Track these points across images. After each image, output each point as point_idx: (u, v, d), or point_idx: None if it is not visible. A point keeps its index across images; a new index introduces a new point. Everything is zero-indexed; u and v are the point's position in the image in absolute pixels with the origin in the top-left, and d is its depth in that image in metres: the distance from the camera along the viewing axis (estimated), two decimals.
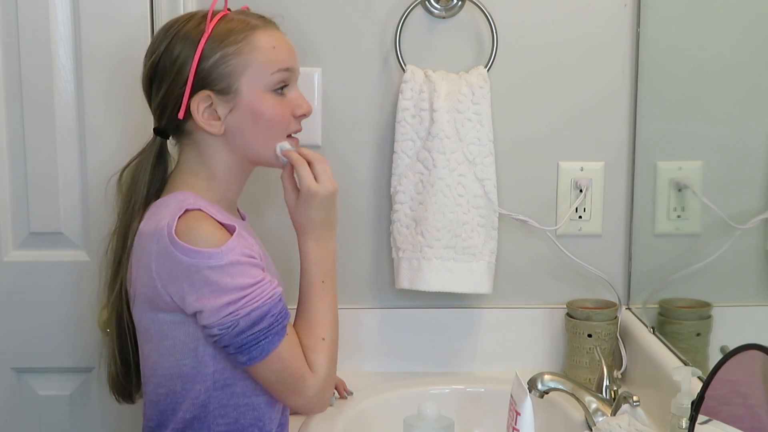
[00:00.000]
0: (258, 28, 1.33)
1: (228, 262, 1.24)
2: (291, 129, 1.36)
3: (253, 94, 1.32)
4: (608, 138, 1.74)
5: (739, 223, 1.43)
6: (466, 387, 1.69)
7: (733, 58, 1.47)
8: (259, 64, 1.31)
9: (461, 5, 1.69)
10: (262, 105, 1.32)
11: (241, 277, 1.25)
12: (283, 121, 1.34)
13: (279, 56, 1.33)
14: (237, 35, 1.31)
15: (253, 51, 1.31)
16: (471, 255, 1.66)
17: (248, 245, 1.29)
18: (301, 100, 1.36)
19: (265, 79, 1.32)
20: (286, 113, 1.34)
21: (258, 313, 1.25)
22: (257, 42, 1.32)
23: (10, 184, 1.66)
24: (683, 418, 1.16)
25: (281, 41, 1.35)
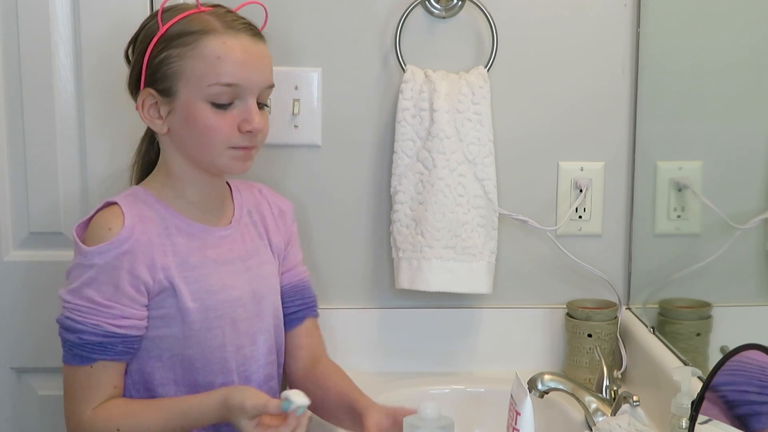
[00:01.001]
0: (212, 33, 1.28)
1: (89, 264, 1.27)
2: (233, 143, 1.31)
3: (189, 101, 1.29)
4: (608, 138, 1.74)
5: (739, 223, 1.43)
6: (466, 387, 1.69)
7: (733, 58, 1.47)
8: (199, 73, 1.28)
9: (461, 5, 1.69)
10: (196, 114, 1.29)
11: (88, 287, 1.28)
12: (221, 135, 1.30)
13: (222, 69, 1.28)
14: (187, 37, 1.28)
15: (195, 57, 1.28)
16: (471, 255, 1.66)
17: (139, 260, 1.28)
18: (249, 114, 1.31)
19: (202, 90, 1.28)
20: (225, 126, 1.30)
21: (71, 324, 1.29)
22: (203, 49, 1.28)
23: (10, 184, 1.66)
24: (683, 418, 1.16)
25: (231, 51, 1.29)
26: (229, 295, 1.36)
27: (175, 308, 1.32)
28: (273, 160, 1.72)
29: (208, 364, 1.35)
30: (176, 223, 1.34)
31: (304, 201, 1.73)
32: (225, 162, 1.33)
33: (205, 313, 1.33)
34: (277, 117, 1.70)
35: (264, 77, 1.33)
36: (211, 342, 1.35)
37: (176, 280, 1.31)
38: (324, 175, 1.74)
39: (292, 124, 1.71)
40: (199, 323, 1.33)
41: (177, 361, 1.34)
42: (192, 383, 1.35)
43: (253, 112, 1.31)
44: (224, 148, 1.31)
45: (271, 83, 1.36)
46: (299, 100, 1.70)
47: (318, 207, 1.74)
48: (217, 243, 1.37)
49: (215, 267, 1.35)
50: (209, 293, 1.34)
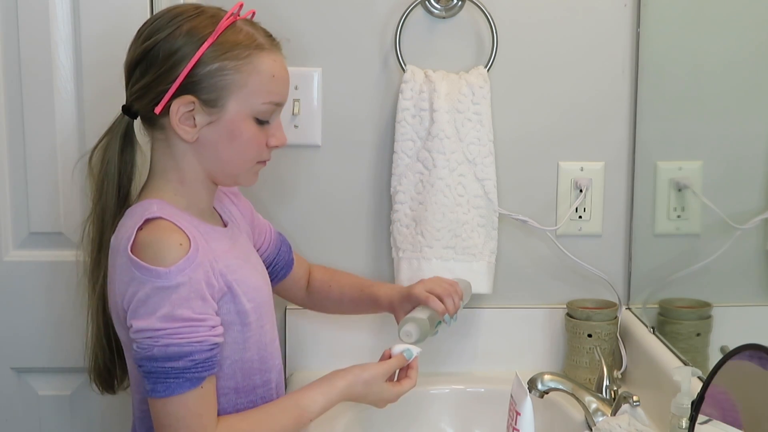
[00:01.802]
0: (263, 50, 1.27)
1: (174, 283, 1.19)
2: (262, 157, 1.33)
3: (237, 115, 1.27)
4: (608, 138, 1.74)
5: (739, 223, 1.43)
6: (466, 387, 1.69)
7: (732, 58, 1.47)
8: (254, 89, 1.26)
9: (461, 5, 1.69)
10: (242, 128, 1.28)
11: (180, 307, 1.19)
12: (257, 149, 1.31)
13: (276, 88, 1.29)
14: (242, 50, 1.25)
15: (252, 73, 1.26)
16: (471, 255, 1.66)
17: (206, 268, 1.23)
18: (278, 131, 1.33)
19: (254, 106, 1.27)
20: (261, 141, 1.31)
21: (176, 350, 1.19)
22: (259, 65, 1.27)
23: (10, 184, 1.66)
24: (683, 418, 1.16)
25: (282, 70, 1.30)
26: (265, 290, 1.38)
27: (234, 312, 1.29)
28: (273, 160, 1.71)
29: (264, 362, 1.35)
30: (205, 229, 1.30)
31: (304, 201, 1.73)
32: (248, 176, 1.35)
33: (258, 311, 1.33)
34: None
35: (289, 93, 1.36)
36: (264, 338, 1.35)
37: (232, 283, 1.29)
38: (324, 175, 1.74)
39: (292, 124, 1.71)
40: (255, 322, 1.32)
41: (237, 368, 1.31)
42: (251, 387, 1.33)
43: (282, 129, 1.34)
44: (254, 163, 1.33)
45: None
46: (299, 100, 1.70)
47: (318, 207, 1.74)
48: (231, 243, 1.36)
49: (245, 266, 1.35)
50: (256, 291, 1.34)
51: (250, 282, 1.33)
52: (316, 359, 1.75)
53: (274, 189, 1.73)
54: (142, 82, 1.26)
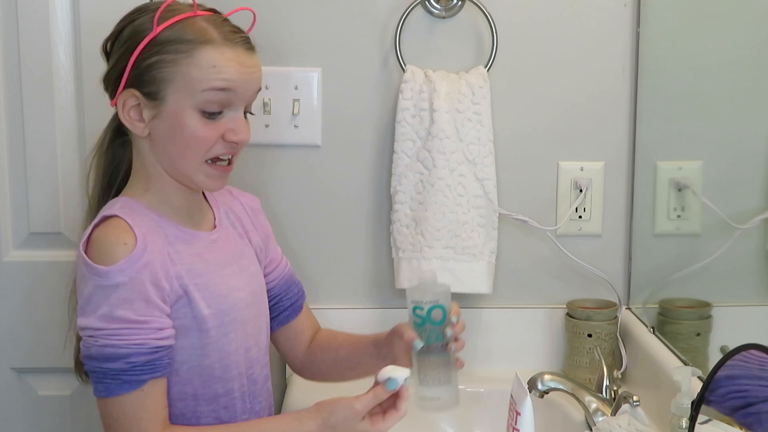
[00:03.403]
0: (210, 43, 1.25)
1: (114, 283, 1.19)
2: (215, 152, 1.27)
3: (178, 107, 1.24)
4: (608, 138, 1.74)
5: (739, 223, 1.43)
6: (466, 387, 1.68)
7: (733, 58, 1.47)
8: (193, 80, 1.24)
9: (461, 5, 1.69)
10: (185, 121, 1.25)
11: (119, 308, 1.19)
12: (205, 144, 1.25)
13: (217, 76, 1.24)
14: (184, 45, 1.24)
15: (190, 65, 1.24)
16: (471, 255, 1.66)
17: (155, 269, 1.22)
18: (236, 125, 1.27)
19: (195, 96, 1.24)
20: (210, 136, 1.25)
21: (113, 351, 1.19)
22: (200, 57, 1.24)
23: (10, 184, 1.66)
24: (683, 418, 1.16)
25: (227, 61, 1.25)
26: (236, 297, 1.33)
27: (191, 317, 1.27)
28: (273, 160, 1.72)
29: (227, 371, 1.31)
30: (173, 230, 1.30)
31: (304, 201, 1.73)
32: (201, 179, 1.29)
33: (220, 318, 1.30)
34: (277, 117, 1.70)
35: (255, 86, 1.30)
36: (227, 347, 1.31)
37: (189, 287, 1.27)
38: (324, 175, 1.74)
39: (292, 124, 1.71)
40: (216, 329, 1.29)
41: (195, 373, 1.29)
42: (212, 395, 1.31)
43: (241, 123, 1.28)
44: (203, 160, 1.27)
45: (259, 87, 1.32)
46: (299, 100, 1.70)
47: (318, 207, 1.74)
48: (210, 247, 1.33)
49: (218, 270, 1.32)
50: (221, 297, 1.30)
51: (215, 288, 1.30)
52: None
53: (274, 189, 1.73)
54: (104, 77, 1.31)
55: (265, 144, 1.71)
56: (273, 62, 1.68)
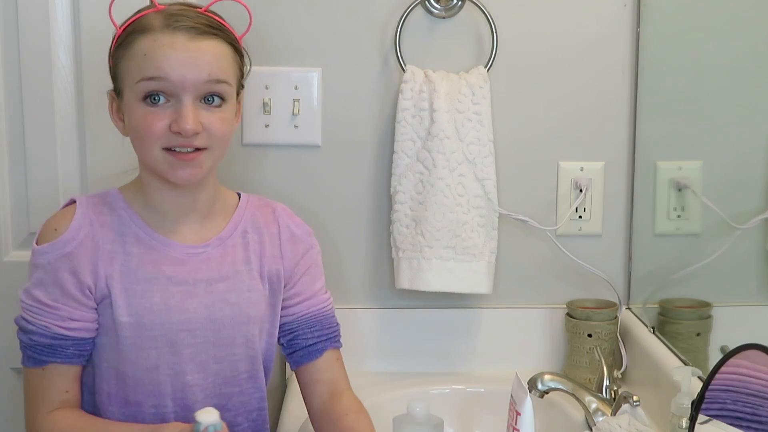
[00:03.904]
0: (147, 32, 1.24)
1: (35, 263, 1.27)
2: (167, 143, 1.24)
3: (129, 100, 1.26)
4: (608, 138, 1.74)
5: (739, 223, 1.43)
6: (466, 387, 1.69)
7: (733, 58, 1.47)
8: (132, 72, 1.25)
9: (461, 5, 1.69)
10: (133, 112, 1.25)
11: (36, 287, 1.28)
12: (154, 133, 1.24)
13: (148, 64, 1.23)
14: (126, 38, 1.26)
15: (131, 57, 1.25)
16: (471, 255, 1.66)
17: (79, 262, 1.26)
18: (179, 113, 1.23)
19: (135, 88, 1.24)
20: (155, 125, 1.23)
21: (23, 325, 1.29)
22: (135, 48, 1.24)
23: (10, 184, 1.66)
24: (683, 418, 1.16)
25: (162, 48, 1.23)
26: (171, 317, 1.29)
27: (111, 319, 1.28)
28: (273, 160, 1.72)
29: (140, 384, 1.29)
30: (136, 231, 1.30)
31: (304, 201, 1.73)
32: (163, 168, 1.26)
33: (139, 330, 1.28)
34: (277, 117, 1.70)
35: (201, 72, 1.24)
36: (143, 362, 1.29)
37: (115, 290, 1.27)
38: (324, 175, 1.74)
39: (292, 124, 1.71)
40: (132, 339, 1.28)
41: (112, 374, 1.30)
42: (123, 399, 1.30)
43: (185, 112, 1.23)
44: (158, 149, 1.25)
45: (216, 77, 1.26)
46: (299, 100, 1.70)
47: (318, 207, 1.74)
48: (181, 260, 1.30)
49: (166, 285, 1.29)
50: (148, 311, 1.28)
51: (149, 300, 1.28)
52: None
53: (274, 189, 1.73)
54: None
55: (265, 144, 1.71)
56: (273, 62, 1.68)
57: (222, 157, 1.31)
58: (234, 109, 1.31)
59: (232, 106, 1.30)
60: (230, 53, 1.29)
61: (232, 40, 1.31)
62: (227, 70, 1.28)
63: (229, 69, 1.29)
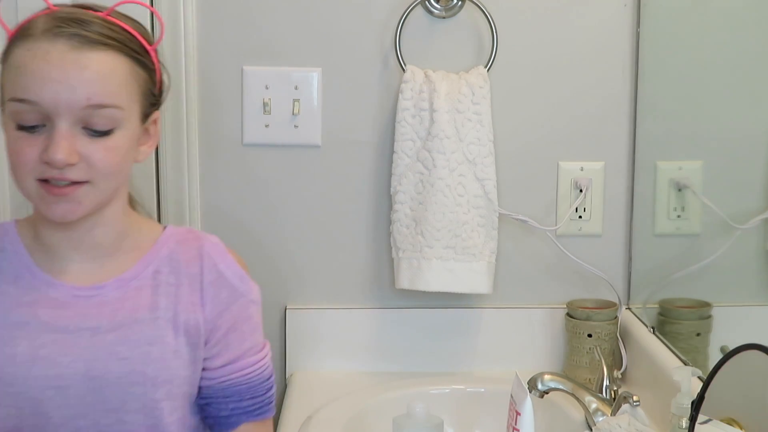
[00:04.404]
0: (25, 39, 1.07)
1: None
2: (39, 174, 1.06)
3: (5, 120, 1.08)
4: (608, 138, 1.74)
5: (739, 223, 1.43)
6: (466, 387, 1.69)
7: (733, 58, 1.47)
8: (6, 87, 1.07)
9: (461, 5, 1.69)
10: (6, 137, 1.08)
11: None
12: (23, 162, 1.06)
13: (19, 81, 1.05)
14: (10, 45, 1.09)
15: (8, 69, 1.08)
16: (471, 255, 1.66)
17: None
18: (50, 141, 1.04)
19: (7, 107, 1.07)
20: (25, 153, 1.05)
21: None
22: (12, 58, 1.07)
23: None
24: (683, 418, 1.16)
25: (34, 61, 1.04)
26: (41, 371, 1.07)
27: None
28: (273, 160, 1.72)
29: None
30: (17, 268, 1.12)
31: (304, 201, 1.73)
32: (38, 202, 1.09)
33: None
34: (277, 117, 1.70)
35: (77, 94, 1.04)
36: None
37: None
38: (324, 175, 1.74)
39: (292, 124, 1.71)
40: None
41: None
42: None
43: (56, 138, 1.04)
44: (31, 181, 1.07)
45: (97, 101, 1.05)
46: (299, 100, 1.70)
47: (318, 207, 1.74)
48: (65, 303, 1.11)
49: (40, 332, 1.09)
50: (10, 361, 1.07)
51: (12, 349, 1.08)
52: (316, 359, 1.75)
53: (274, 189, 1.73)
54: None
55: (265, 144, 1.71)
56: (273, 62, 1.68)
57: (118, 190, 1.13)
58: (132, 135, 1.11)
59: (129, 132, 1.10)
60: (126, 68, 1.09)
61: (133, 52, 1.11)
62: (117, 91, 1.08)
63: (122, 89, 1.08)
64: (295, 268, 1.75)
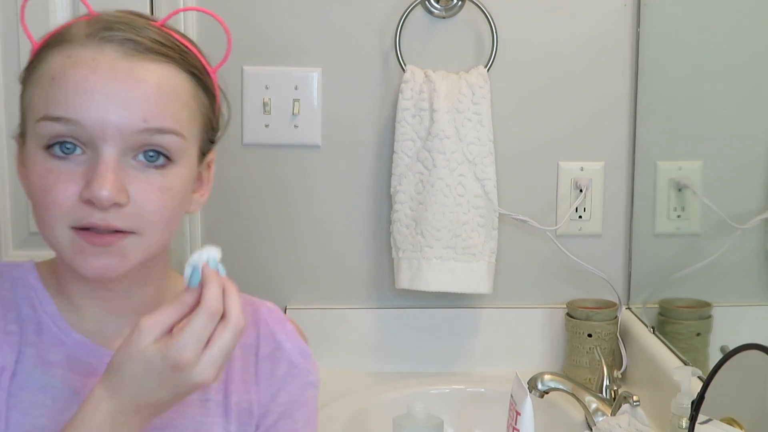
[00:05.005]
0: (60, 45, 0.85)
1: None
2: (75, 215, 0.83)
3: (29, 144, 0.86)
4: (608, 138, 1.74)
5: (739, 223, 1.43)
6: (466, 387, 1.69)
7: (733, 58, 1.47)
8: (34, 104, 0.86)
9: (461, 5, 1.69)
10: (32, 163, 0.85)
11: None
12: (53, 203, 0.83)
13: (55, 94, 0.83)
14: (40, 53, 0.87)
15: (37, 81, 0.86)
16: (471, 255, 1.66)
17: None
18: (93, 172, 0.82)
19: (35, 129, 0.85)
20: (60, 191, 0.82)
21: None
22: (44, 67, 0.85)
23: (10, 184, 1.66)
24: (683, 418, 1.16)
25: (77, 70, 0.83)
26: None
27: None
28: (273, 160, 1.72)
29: None
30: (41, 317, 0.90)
31: (304, 201, 1.73)
32: (69, 255, 0.84)
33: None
34: (277, 117, 1.70)
35: (132, 113, 0.82)
36: None
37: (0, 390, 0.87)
38: (324, 175, 1.74)
39: (292, 124, 1.71)
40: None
41: None
42: None
43: (101, 170, 0.82)
44: (63, 228, 0.83)
45: (157, 124, 0.84)
46: (299, 100, 1.70)
47: (318, 207, 1.74)
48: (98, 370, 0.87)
49: (68, 400, 0.88)
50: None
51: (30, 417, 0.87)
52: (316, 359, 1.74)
53: (274, 189, 1.73)
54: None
55: (265, 144, 1.71)
56: (273, 62, 1.68)
57: (166, 245, 0.90)
58: (189, 176, 0.89)
59: (187, 171, 0.88)
60: (189, 88, 0.88)
61: (195, 69, 0.90)
62: (179, 113, 0.86)
63: (184, 112, 0.87)
64: (295, 268, 1.75)
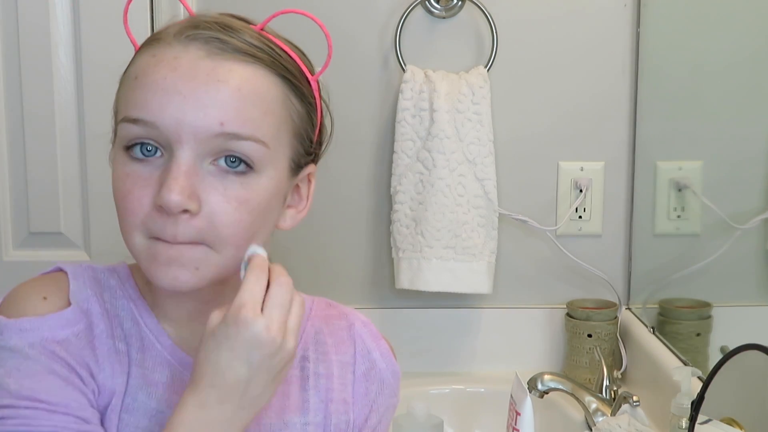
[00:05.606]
0: (151, 44, 0.83)
1: (11, 345, 0.80)
2: (149, 229, 0.80)
3: (115, 147, 0.83)
4: (608, 138, 1.74)
5: (739, 223, 1.43)
6: (466, 387, 1.69)
7: (733, 58, 1.47)
8: (120, 104, 0.83)
9: (461, 5, 1.69)
10: (113, 169, 0.83)
11: (24, 377, 0.79)
12: (129, 210, 0.80)
13: (134, 96, 0.80)
14: (135, 55, 0.85)
15: (124, 81, 0.84)
16: (471, 255, 1.66)
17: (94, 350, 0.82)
18: (167, 176, 0.78)
19: (118, 130, 0.82)
20: (135, 198, 0.79)
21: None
22: (132, 67, 0.83)
23: (10, 184, 1.66)
24: (683, 418, 1.16)
25: (159, 69, 0.79)
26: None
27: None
28: None
29: None
30: (142, 331, 0.86)
31: None
32: (146, 265, 0.81)
33: None
34: None
35: (209, 116, 0.78)
36: None
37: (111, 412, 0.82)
38: (324, 175, 1.74)
39: None
40: None
41: None
42: None
43: (173, 173, 0.78)
44: (144, 233, 0.80)
45: (234, 129, 0.79)
46: None
47: (318, 207, 1.74)
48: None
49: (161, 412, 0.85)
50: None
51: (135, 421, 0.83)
52: None
53: None
54: None
55: None
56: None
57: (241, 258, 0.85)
58: (275, 189, 0.85)
59: (272, 183, 0.84)
60: (278, 93, 0.85)
61: (288, 73, 0.89)
62: (261, 119, 0.81)
63: (268, 119, 0.82)
64: (294, 268, 1.74)
